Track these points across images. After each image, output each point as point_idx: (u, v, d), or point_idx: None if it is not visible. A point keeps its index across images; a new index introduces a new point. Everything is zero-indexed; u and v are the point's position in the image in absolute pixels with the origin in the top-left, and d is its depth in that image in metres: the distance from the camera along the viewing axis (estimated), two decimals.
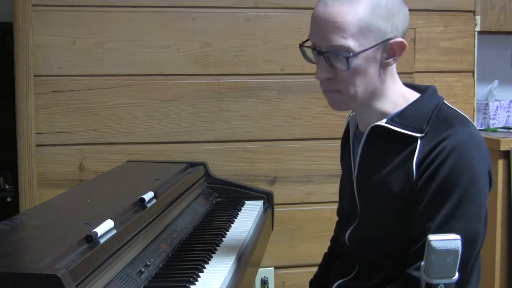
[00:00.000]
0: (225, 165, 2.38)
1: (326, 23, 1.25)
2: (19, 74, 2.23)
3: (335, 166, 2.48)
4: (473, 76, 2.61)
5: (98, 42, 2.29)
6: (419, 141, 1.28)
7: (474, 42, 2.60)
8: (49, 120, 2.27)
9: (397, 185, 1.29)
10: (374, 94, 1.32)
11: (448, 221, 1.22)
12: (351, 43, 1.24)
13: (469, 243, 1.23)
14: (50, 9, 2.25)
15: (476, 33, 2.60)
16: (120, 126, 2.32)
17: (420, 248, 1.20)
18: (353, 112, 1.46)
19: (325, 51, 1.27)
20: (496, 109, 2.78)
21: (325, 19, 1.25)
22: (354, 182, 1.42)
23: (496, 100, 2.84)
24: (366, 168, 1.38)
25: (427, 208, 1.24)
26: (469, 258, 1.25)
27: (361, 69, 1.27)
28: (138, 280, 1.22)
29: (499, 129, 2.73)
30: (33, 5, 2.23)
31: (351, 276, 1.44)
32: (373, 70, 1.29)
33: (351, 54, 1.24)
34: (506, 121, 2.82)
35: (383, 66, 1.30)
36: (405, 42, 1.29)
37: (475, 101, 2.64)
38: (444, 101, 1.36)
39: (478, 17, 2.59)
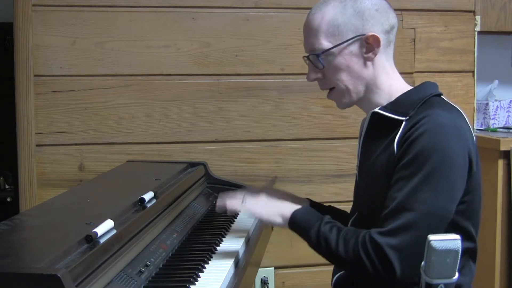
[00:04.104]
0: (225, 165, 2.38)
1: (305, 31, 1.44)
2: (19, 74, 2.23)
3: (335, 166, 2.51)
4: (473, 76, 2.61)
5: (98, 42, 2.29)
6: (403, 124, 1.35)
7: (474, 42, 2.60)
8: (49, 120, 2.27)
9: (382, 166, 1.36)
10: (368, 88, 1.42)
11: (415, 193, 1.25)
12: (324, 42, 1.40)
13: (434, 218, 1.25)
14: (50, 9, 2.25)
15: (476, 33, 2.60)
16: (120, 126, 2.32)
17: (386, 216, 1.26)
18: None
19: (308, 55, 1.44)
20: (496, 109, 2.78)
21: (304, 28, 1.45)
22: (357, 171, 1.52)
23: (496, 100, 2.84)
24: (365, 155, 1.46)
25: (398, 179, 1.29)
26: (430, 230, 1.20)
27: (341, 64, 1.40)
28: (138, 280, 1.21)
29: (499, 129, 2.73)
30: (33, 5, 2.23)
31: None
32: (355, 65, 1.40)
33: (322, 52, 1.39)
34: (506, 121, 2.82)
35: (367, 60, 1.40)
36: (377, 35, 1.38)
37: (475, 101, 2.64)
38: (443, 96, 1.42)
39: (478, 17, 2.59)
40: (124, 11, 2.30)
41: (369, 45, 1.39)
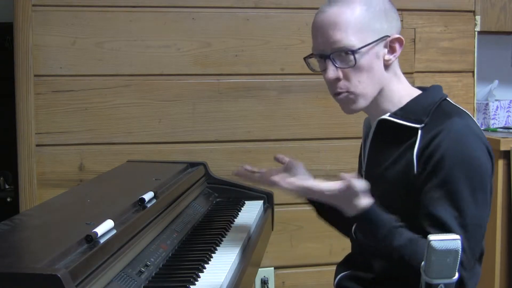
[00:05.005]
0: (225, 165, 2.38)
1: (328, 26, 1.32)
2: (19, 74, 2.23)
3: (335, 166, 2.51)
4: (473, 76, 2.61)
5: (98, 42, 2.29)
6: (419, 132, 1.32)
7: (474, 42, 2.60)
8: (49, 120, 2.27)
9: (398, 175, 1.33)
10: (381, 92, 1.38)
11: (462, 211, 1.25)
12: (353, 39, 1.31)
13: (481, 229, 1.29)
14: (50, 9, 2.25)
15: (476, 33, 2.60)
16: (120, 126, 2.32)
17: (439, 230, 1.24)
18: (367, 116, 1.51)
19: (331, 53, 1.33)
20: (496, 109, 2.78)
21: (325, 23, 1.33)
22: (363, 176, 1.48)
23: (496, 100, 2.84)
24: (373, 162, 1.44)
25: (438, 198, 1.26)
26: (478, 242, 1.30)
27: (366, 65, 1.33)
28: (138, 280, 1.21)
29: (499, 129, 2.73)
30: (33, 5, 2.23)
31: (353, 268, 1.47)
32: (377, 66, 1.35)
33: (356, 49, 1.30)
34: (506, 121, 2.82)
35: (386, 63, 1.37)
36: (402, 38, 1.37)
37: (475, 101, 2.64)
38: (448, 98, 1.41)
39: (478, 17, 2.59)
40: (124, 11, 2.30)
41: (392, 48, 1.36)
